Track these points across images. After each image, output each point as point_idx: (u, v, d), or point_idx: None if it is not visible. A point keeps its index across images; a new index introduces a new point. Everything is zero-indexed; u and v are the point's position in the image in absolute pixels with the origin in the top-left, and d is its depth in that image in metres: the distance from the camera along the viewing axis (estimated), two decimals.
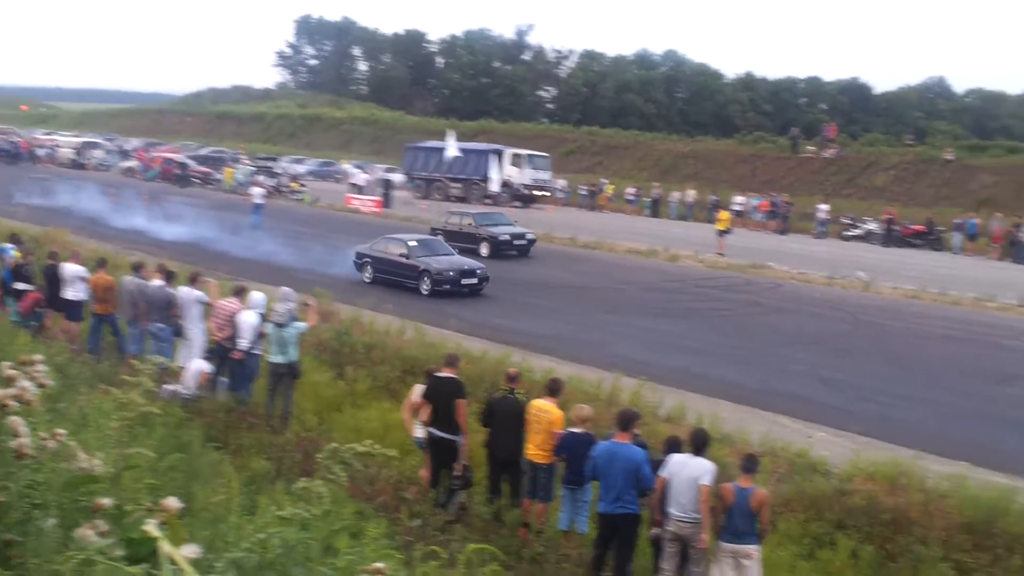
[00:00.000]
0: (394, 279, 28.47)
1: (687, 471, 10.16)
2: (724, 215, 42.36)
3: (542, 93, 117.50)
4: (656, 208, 58.51)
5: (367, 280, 29.04)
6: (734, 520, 10.03)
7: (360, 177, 60.40)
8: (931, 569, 11.21)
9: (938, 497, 12.51)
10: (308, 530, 7.06)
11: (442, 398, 12.70)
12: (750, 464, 10.35)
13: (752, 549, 10.01)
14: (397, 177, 62.67)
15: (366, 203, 53.13)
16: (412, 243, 29.30)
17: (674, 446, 10.75)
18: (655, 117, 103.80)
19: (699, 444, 10.42)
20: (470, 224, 37.39)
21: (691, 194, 58.33)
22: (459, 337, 21.21)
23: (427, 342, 19.90)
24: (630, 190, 61.56)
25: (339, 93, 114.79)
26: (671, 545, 10.27)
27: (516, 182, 57.52)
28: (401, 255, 28.63)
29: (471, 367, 16.88)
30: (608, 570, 10.61)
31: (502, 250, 36.05)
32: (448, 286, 27.68)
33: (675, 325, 25.59)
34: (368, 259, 29.54)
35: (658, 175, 67.99)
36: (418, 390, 13.46)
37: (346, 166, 71.26)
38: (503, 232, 36.93)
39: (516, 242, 36.87)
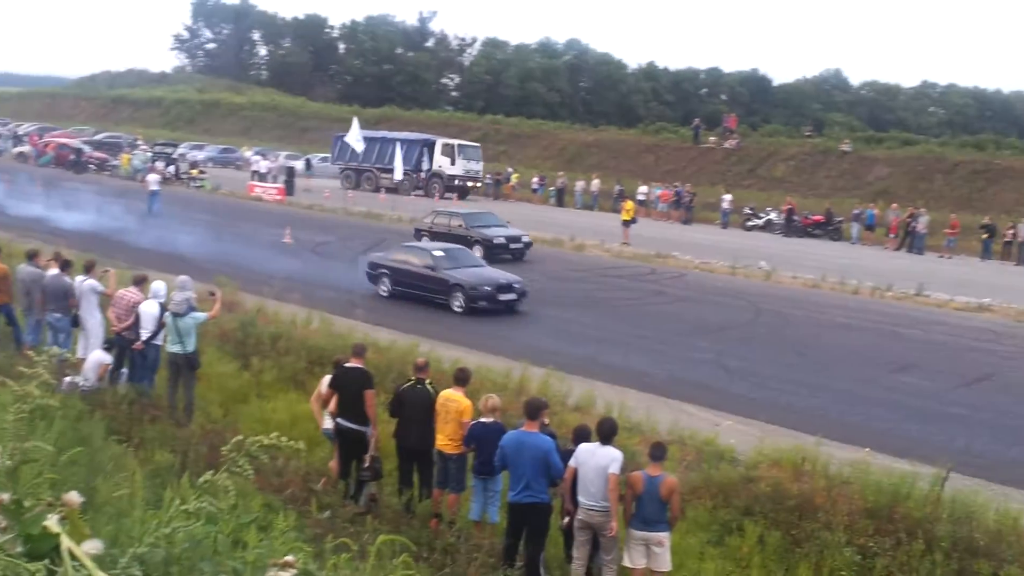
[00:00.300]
0: (419, 293, 25.68)
1: (595, 460, 10.16)
2: (629, 205, 42.65)
3: (446, 81, 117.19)
4: (561, 197, 58.71)
5: (384, 294, 26.38)
6: (644, 508, 10.07)
7: (262, 164, 59.58)
8: (835, 554, 11.39)
9: (841, 483, 12.72)
10: (215, 524, 6.86)
11: (350, 389, 12.54)
12: (658, 452, 10.40)
13: (662, 536, 10.06)
14: (300, 165, 61.96)
15: (268, 191, 52.46)
16: (438, 253, 26.32)
17: (582, 435, 10.74)
18: (559, 106, 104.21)
19: (607, 433, 10.42)
20: (460, 225, 34.25)
21: (596, 183, 58.62)
22: (366, 327, 20.99)
23: (334, 332, 19.68)
24: (535, 179, 61.74)
25: (239, 78, 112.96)
26: (581, 534, 10.27)
27: (449, 173, 57.08)
28: (427, 267, 25.70)
29: (379, 357, 16.73)
30: (520, 560, 10.57)
31: (497, 254, 32.76)
32: (485, 303, 24.90)
33: (581, 314, 25.66)
34: (385, 270, 26.59)
35: (563, 164, 68.34)
36: (326, 381, 13.28)
37: (247, 153, 70.27)
38: (497, 235, 34.02)
39: (512, 245, 33.85)
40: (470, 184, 57.76)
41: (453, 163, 57.17)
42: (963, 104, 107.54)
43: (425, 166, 57.20)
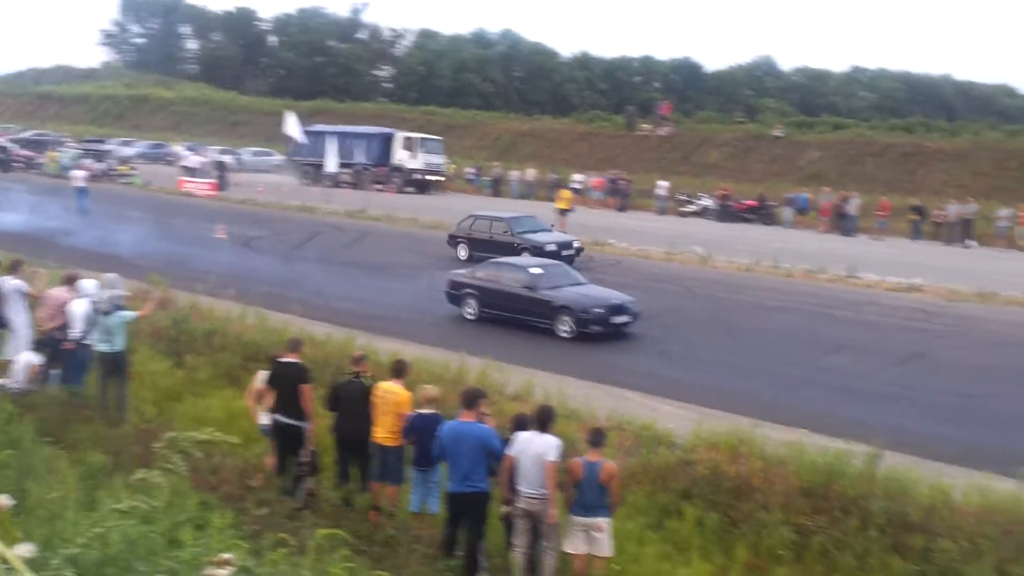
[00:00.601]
0: (514, 316, 22.87)
1: (533, 448, 10.19)
2: (565, 194, 42.72)
3: (379, 72, 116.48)
4: (497, 187, 58.69)
5: (470, 317, 23.50)
6: (584, 494, 10.12)
7: (193, 159, 58.92)
8: (772, 533, 11.53)
9: (777, 464, 12.86)
10: (151, 523, 6.81)
11: (286, 384, 12.45)
12: (597, 438, 10.45)
13: (602, 522, 10.12)
14: (231, 159, 61.31)
15: (200, 186, 51.88)
16: (536, 271, 23.34)
17: (520, 424, 10.77)
18: (493, 96, 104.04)
19: (544, 421, 10.46)
20: (505, 231, 31.71)
21: (531, 173, 58.69)
22: (301, 321, 20.85)
23: (269, 327, 19.50)
24: (470, 169, 61.73)
25: (168, 73, 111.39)
26: (522, 522, 10.30)
27: (409, 167, 56.61)
28: (524, 287, 22.82)
29: (315, 351, 16.61)
30: (460, 549, 10.58)
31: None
32: (599, 327, 21.93)
33: None
34: (472, 290, 23.63)
35: (498, 154, 68.41)
36: (261, 376, 13.17)
37: (177, 148, 69.46)
38: (547, 241, 31.23)
39: (564, 252, 30.85)
40: (432, 178, 57.29)
41: (414, 157, 56.74)
42: (892, 88, 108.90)
43: (386, 160, 56.70)
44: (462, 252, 32.44)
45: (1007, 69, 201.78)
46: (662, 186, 52.48)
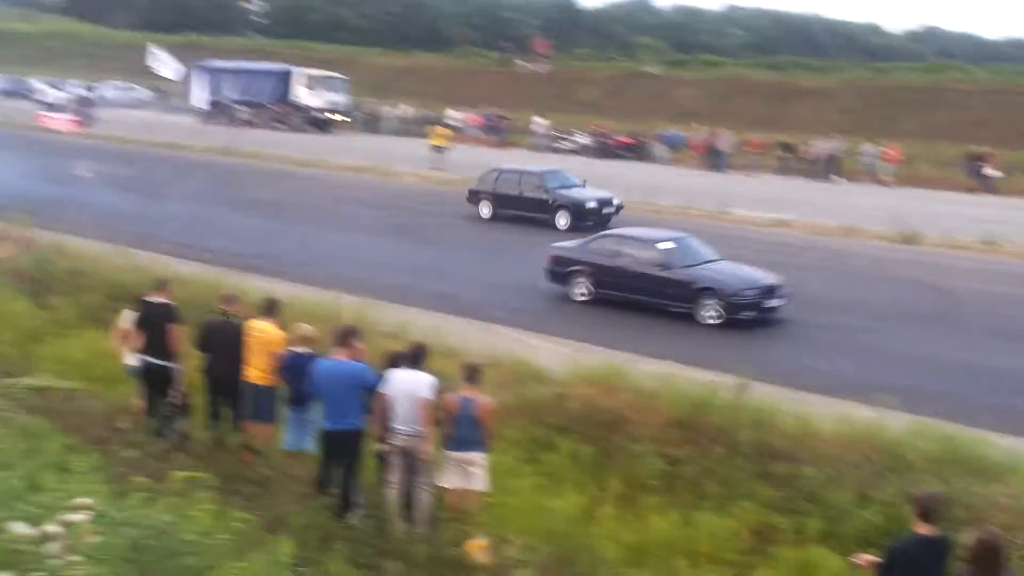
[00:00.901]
0: (642, 299, 19.50)
1: (407, 385, 10.14)
2: (441, 131, 42.49)
3: (249, 5, 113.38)
4: (373, 124, 57.99)
5: (581, 298, 20.19)
6: (459, 429, 10.12)
7: (54, 95, 56.88)
8: (644, 464, 11.74)
9: (650, 397, 13.07)
10: (9, 468, 6.59)
11: (154, 324, 12.13)
12: (472, 374, 10.42)
13: (477, 456, 10.15)
14: (94, 95, 59.37)
15: (62, 122, 50.14)
16: (667, 245, 19.96)
17: (394, 361, 10.69)
18: (368, 32, 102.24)
19: (417, 358, 10.41)
20: (537, 186, 29.09)
21: (408, 110, 58.15)
22: (170, 261, 20.35)
23: (136, 267, 18.98)
24: None
25: (32, 4, 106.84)
26: (396, 459, 10.26)
27: (308, 104, 55.33)
28: (655, 264, 19.44)
29: (183, 291, 16.21)
30: (334, 487, 10.51)
31: (586, 221, 27.67)
32: (752, 312, 18.82)
33: (396, 242, 25.57)
34: (583, 268, 20.20)
35: (375, 91, 67.45)
36: (127, 316, 12.80)
37: (37, 83, 67.02)
38: (587, 197, 28.92)
39: (604, 210, 28.71)
40: (337, 117, 56.21)
41: (314, 95, 55.53)
42: (765, 27, 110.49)
43: (285, 98, 55.56)
44: (485, 210, 29.78)
45: (875, 8, 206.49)
46: (539, 123, 52.53)
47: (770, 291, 19.01)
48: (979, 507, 9.84)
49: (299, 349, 11.32)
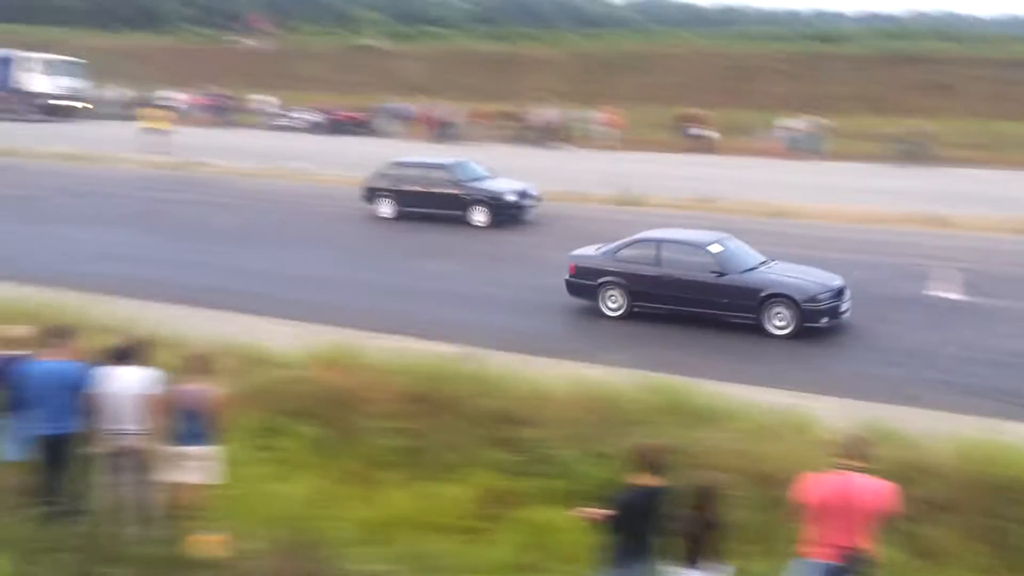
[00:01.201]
0: (695, 311, 17.29)
1: (127, 382, 9.70)
2: (155, 113, 41.06)
3: None
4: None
5: (613, 312, 17.79)
6: (186, 423, 9.75)
7: None
8: (381, 440, 11.69)
9: (384, 373, 13.03)
10: None
11: None
12: (198, 364, 10.06)
13: (207, 449, 9.82)
14: None
15: None
16: (716, 248, 17.62)
17: (113, 357, 10.19)
18: (76, 11, 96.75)
19: (136, 352, 9.95)
20: (447, 180, 26.53)
21: (127, 93, 55.88)
22: None
23: None
24: None
25: None
26: (121, 459, 9.81)
27: (39, 91, 51.70)
28: (709, 271, 17.12)
29: None
30: (55, 493, 9.95)
31: (507, 216, 26.01)
32: (827, 319, 16.75)
33: (115, 232, 24.59)
34: (614, 278, 17.78)
35: (89, 75, 64.14)
36: None
37: None
38: (504, 190, 26.43)
39: (524, 202, 26.51)
40: (78, 104, 53.36)
41: (44, 80, 52.09)
42: None
43: (6, 84, 51.98)
44: (385, 209, 26.96)
45: None
46: (261, 101, 51.71)
47: (840, 293, 17.15)
48: (699, 454, 10.29)
49: (11, 352, 10.62)
